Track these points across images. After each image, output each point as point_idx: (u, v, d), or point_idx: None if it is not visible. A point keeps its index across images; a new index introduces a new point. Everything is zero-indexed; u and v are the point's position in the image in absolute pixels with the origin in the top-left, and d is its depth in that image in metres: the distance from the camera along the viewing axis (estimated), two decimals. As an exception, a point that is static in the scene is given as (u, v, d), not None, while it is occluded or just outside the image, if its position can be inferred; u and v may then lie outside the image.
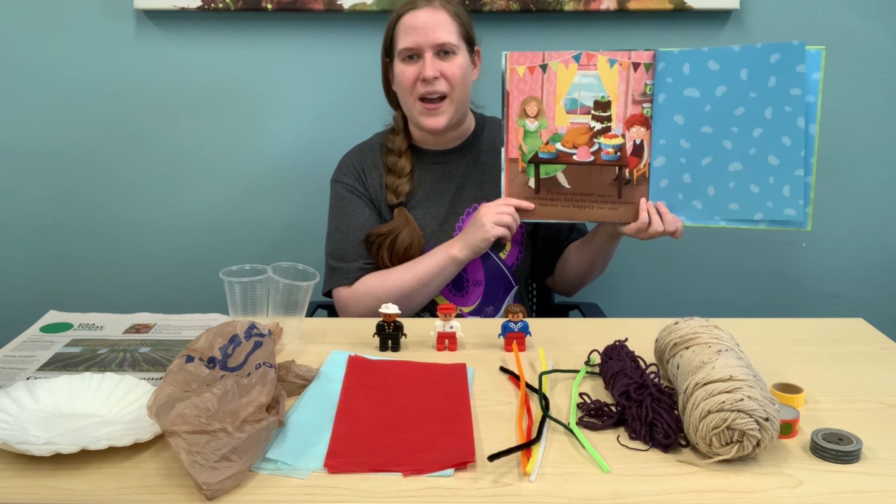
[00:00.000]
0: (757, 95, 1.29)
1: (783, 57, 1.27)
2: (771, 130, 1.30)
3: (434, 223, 1.51)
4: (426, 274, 1.42)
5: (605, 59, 1.34)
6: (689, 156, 1.35)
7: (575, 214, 1.40)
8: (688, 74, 1.32)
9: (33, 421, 0.94)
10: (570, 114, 1.36)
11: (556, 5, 1.76)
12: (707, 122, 1.33)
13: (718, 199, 1.35)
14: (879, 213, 1.93)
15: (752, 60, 1.29)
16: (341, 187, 1.53)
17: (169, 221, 1.94)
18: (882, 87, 1.86)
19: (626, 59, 1.33)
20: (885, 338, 1.25)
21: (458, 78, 1.44)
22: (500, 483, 0.83)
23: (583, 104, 1.36)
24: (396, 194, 1.50)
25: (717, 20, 1.81)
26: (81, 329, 1.28)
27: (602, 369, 1.08)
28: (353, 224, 1.50)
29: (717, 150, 1.33)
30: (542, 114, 1.37)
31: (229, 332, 1.03)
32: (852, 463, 0.87)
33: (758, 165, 1.32)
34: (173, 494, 0.81)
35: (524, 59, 1.36)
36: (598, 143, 1.36)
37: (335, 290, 1.50)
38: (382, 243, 1.47)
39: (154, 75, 1.85)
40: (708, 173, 1.35)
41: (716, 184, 1.35)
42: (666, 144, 1.36)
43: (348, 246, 1.50)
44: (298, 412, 0.98)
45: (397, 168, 1.51)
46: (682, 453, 0.89)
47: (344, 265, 1.49)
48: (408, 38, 1.42)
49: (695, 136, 1.34)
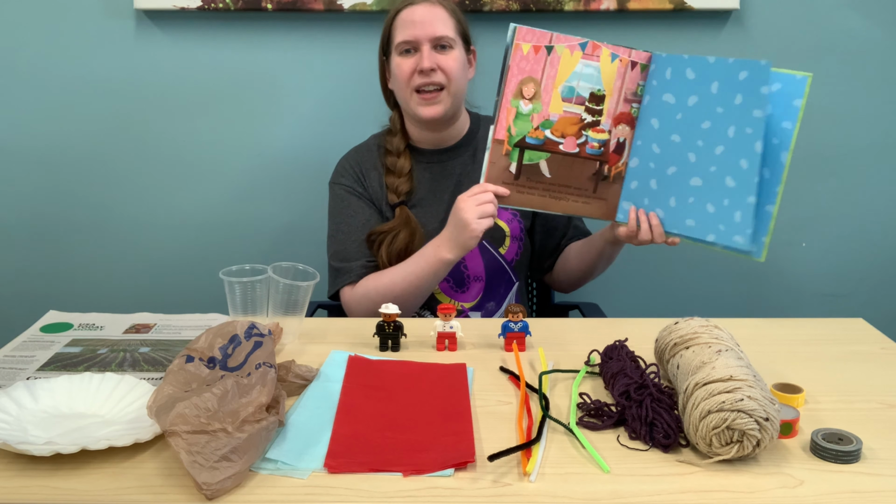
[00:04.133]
0: (723, 111, 1.26)
1: (750, 75, 1.23)
2: (731, 150, 1.26)
3: (434, 221, 1.51)
4: (416, 277, 1.41)
5: (609, 52, 1.32)
6: (658, 162, 1.34)
7: (549, 205, 1.37)
8: (668, 79, 1.31)
9: (33, 421, 0.94)
10: (565, 102, 1.33)
11: (556, 5, 1.76)
12: (677, 130, 1.31)
13: (677, 211, 1.33)
14: (879, 213, 1.93)
15: (722, 74, 1.26)
16: (340, 189, 1.53)
17: (169, 221, 1.94)
18: (882, 87, 1.86)
19: (626, 56, 1.33)
20: (885, 338, 1.25)
21: (455, 70, 1.44)
22: (500, 483, 0.83)
23: (579, 94, 1.33)
24: (397, 193, 1.50)
25: (717, 20, 1.81)
26: (81, 329, 1.28)
27: (602, 369, 1.08)
28: (354, 224, 1.50)
29: (681, 162, 1.32)
30: (537, 97, 1.33)
31: (229, 332, 1.03)
32: (852, 463, 0.87)
33: (716, 185, 1.28)
34: (173, 494, 0.81)
35: (531, 36, 1.30)
36: (585, 135, 1.34)
37: (341, 290, 1.50)
38: (384, 241, 1.48)
39: (154, 75, 1.85)
40: (671, 183, 1.33)
41: (677, 196, 1.33)
42: (641, 146, 1.36)
43: (351, 246, 1.50)
44: (298, 412, 0.98)
45: (396, 168, 1.51)
46: (682, 453, 0.89)
47: (347, 265, 1.49)
48: (405, 31, 1.43)
49: (665, 143, 1.33)
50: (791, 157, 1.25)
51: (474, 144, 1.56)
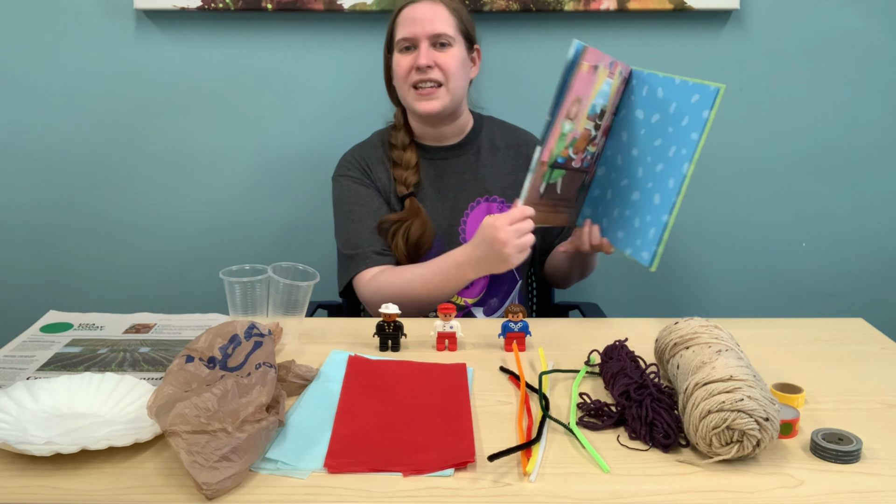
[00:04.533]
0: (672, 131, 1.27)
1: (700, 99, 1.23)
2: (667, 168, 1.27)
3: (439, 219, 1.51)
4: (434, 287, 1.39)
5: (619, 69, 1.31)
6: (617, 173, 1.37)
7: (552, 219, 1.40)
8: (644, 96, 1.32)
9: (33, 421, 0.94)
10: (588, 119, 1.30)
11: (556, 5, 1.76)
12: (637, 145, 1.33)
13: (615, 222, 1.35)
14: (879, 213, 1.94)
15: (681, 95, 1.26)
16: (347, 180, 1.53)
17: (169, 221, 1.94)
18: (882, 87, 1.86)
19: (626, 72, 1.33)
20: (885, 338, 1.25)
21: (453, 68, 1.44)
22: (500, 483, 0.83)
23: (596, 111, 1.31)
24: (406, 185, 1.50)
25: (717, 20, 1.81)
26: (81, 329, 1.28)
27: (602, 369, 1.08)
28: (364, 212, 1.50)
29: (632, 175, 1.34)
30: (577, 116, 1.28)
31: (229, 332, 1.03)
32: (852, 463, 0.87)
33: (647, 200, 1.29)
34: (173, 494, 0.81)
35: (594, 56, 1.24)
36: (587, 150, 1.35)
37: (356, 277, 1.47)
38: (397, 231, 1.47)
39: (154, 75, 1.85)
40: (620, 195, 1.36)
41: (620, 207, 1.35)
42: (609, 157, 1.38)
43: (363, 232, 1.48)
44: (298, 412, 0.98)
45: (403, 160, 1.52)
46: (682, 453, 0.89)
47: (360, 251, 1.47)
48: (405, 28, 1.45)
49: (627, 156, 1.35)
50: (693, 169, 1.24)
51: (477, 144, 1.56)
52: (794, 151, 1.90)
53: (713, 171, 1.89)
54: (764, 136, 1.88)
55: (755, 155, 1.89)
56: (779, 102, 1.86)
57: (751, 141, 1.88)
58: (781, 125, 1.88)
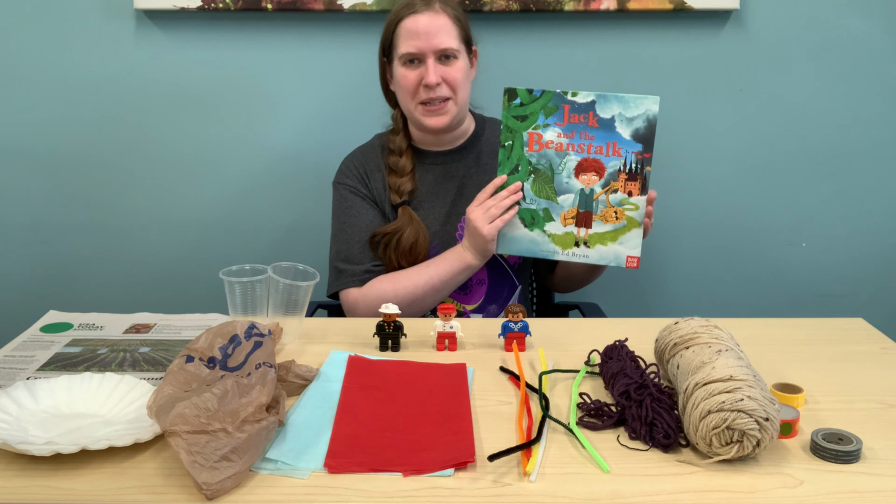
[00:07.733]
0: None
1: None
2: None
3: (436, 223, 1.51)
4: (440, 280, 1.42)
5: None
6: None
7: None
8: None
9: (33, 421, 0.94)
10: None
11: (556, 5, 1.76)
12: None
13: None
14: (879, 213, 1.93)
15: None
16: (344, 189, 1.53)
17: (169, 221, 1.94)
18: (882, 87, 1.86)
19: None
20: (885, 338, 1.25)
21: (460, 82, 1.45)
22: (500, 483, 0.83)
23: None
24: (399, 193, 1.50)
25: (717, 20, 1.81)
26: (81, 329, 1.28)
27: (602, 369, 1.08)
28: (357, 225, 1.50)
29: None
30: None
31: (229, 332, 1.03)
32: (852, 463, 0.87)
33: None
34: (173, 494, 0.81)
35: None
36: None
37: (343, 291, 1.49)
38: (389, 243, 1.48)
39: (154, 75, 1.85)
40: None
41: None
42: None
43: (354, 247, 1.49)
44: (298, 412, 0.98)
45: (399, 167, 1.51)
46: (682, 453, 0.89)
47: (351, 267, 1.49)
48: (409, 42, 1.42)
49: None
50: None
51: (479, 147, 1.56)
52: (794, 151, 1.90)
53: (713, 171, 1.89)
54: (764, 136, 1.88)
55: (755, 155, 1.89)
56: (779, 102, 1.86)
57: (751, 141, 1.88)
58: (781, 125, 1.88)
